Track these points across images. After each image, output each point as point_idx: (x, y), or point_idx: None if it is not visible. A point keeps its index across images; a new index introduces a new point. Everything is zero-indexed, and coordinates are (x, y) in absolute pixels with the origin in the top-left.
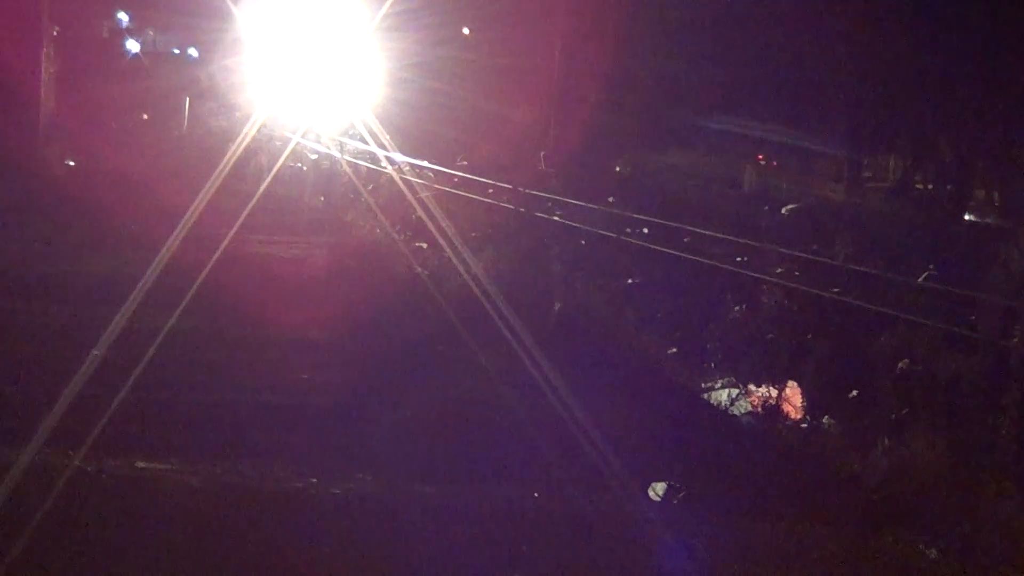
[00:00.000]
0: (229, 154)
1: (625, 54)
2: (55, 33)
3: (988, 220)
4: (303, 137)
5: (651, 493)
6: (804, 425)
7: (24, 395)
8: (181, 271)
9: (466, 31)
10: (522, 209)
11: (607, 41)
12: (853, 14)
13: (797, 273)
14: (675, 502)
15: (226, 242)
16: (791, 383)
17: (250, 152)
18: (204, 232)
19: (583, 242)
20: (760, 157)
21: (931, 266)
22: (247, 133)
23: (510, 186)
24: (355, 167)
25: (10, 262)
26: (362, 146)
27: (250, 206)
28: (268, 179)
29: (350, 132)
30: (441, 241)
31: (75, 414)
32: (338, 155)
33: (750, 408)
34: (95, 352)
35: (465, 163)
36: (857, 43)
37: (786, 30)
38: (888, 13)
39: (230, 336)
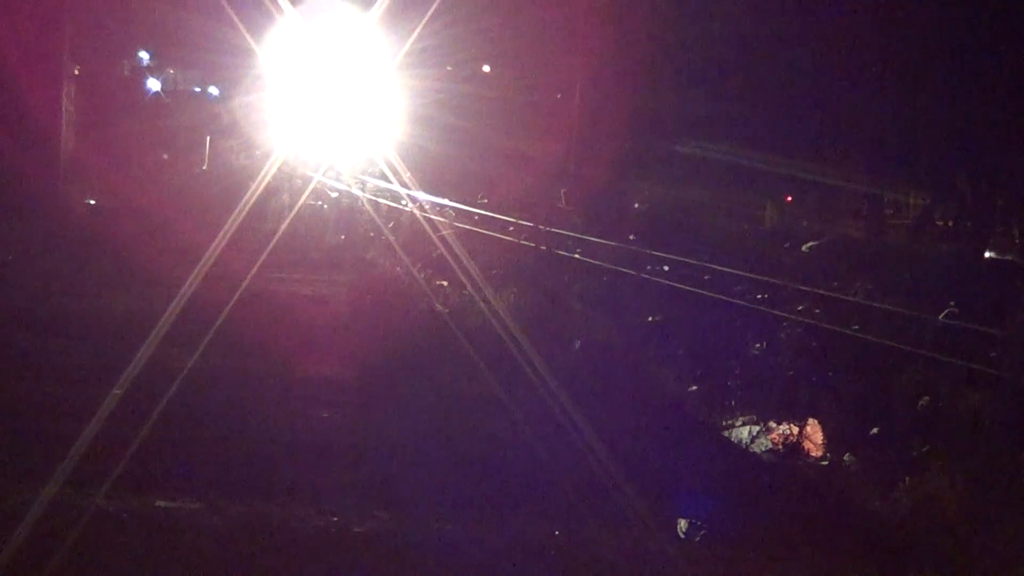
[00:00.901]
0: (250, 192)
1: (645, 91)
2: (76, 72)
3: (1009, 257)
4: (324, 175)
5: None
6: (825, 462)
7: (45, 433)
8: (202, 309)
9: (486, 68)
10: (543, 247)
11: (627, 78)
12: (875, 52)
13: (818, 310)
14: (697, 539)
15: (247, 280)
16: (812, 420)
17: (271, 190)
18: (225, 270)
19: (604, 279)
20: (786, 197)
21: (952, 303)
22: (268, 171)
23: (531, 224)
24: (375, 205)
25: (32, 300)
26: (382, 184)
27: (271, 244)
28: (289, 217)
29: (370, 170)
30: (462, 279)
31: (96, 453)
32: (359, 193)
33: (771, 445)
34: (116, 391)
35: (485, 201)
36: (878, 80)
37: (807, 67)
38: (909, 51)
39: (250, 374)
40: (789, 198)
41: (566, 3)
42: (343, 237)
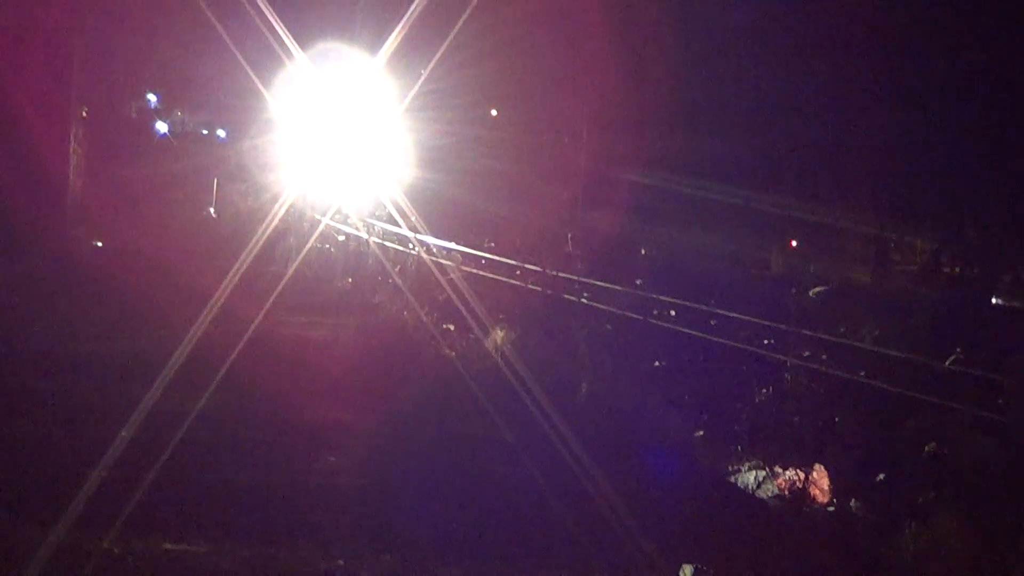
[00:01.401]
0: (258, 235)
1: (652, 135)
2: (84, 114)
3: (1016, 303)
4: (331, 218)
5: None
6: (831, 508)
7: (53, 474)
8: (209, 352)
9: (494, 112)
10: (550, 291)
11: (634, 122)
12: (884, 97)
13: (824, 356)
14: None
15: (254, 323)
16: (818, 466)
17: (279, 233)
18: (232, 313)
19: (610, 324)
20: (792, 241)
21: (958, 349)
22: (276, 214)
23: (537, 268)
24: (383, 248)
25: (39, 342)
26: (390, 227)
27: (278, 288)
28: (297, 261)
29: (378, 213)
30: (470, 322)
31: (103, 494)
32: (366, 236)
33: (777, 491)
34: (124, 433)
35: (492, 244)
36: (887, 125)
37: (814, 110)
38: (918, 97)
39: (258, 418)
40: (795, 242)
41: (572, 48)
42: (350, 280)
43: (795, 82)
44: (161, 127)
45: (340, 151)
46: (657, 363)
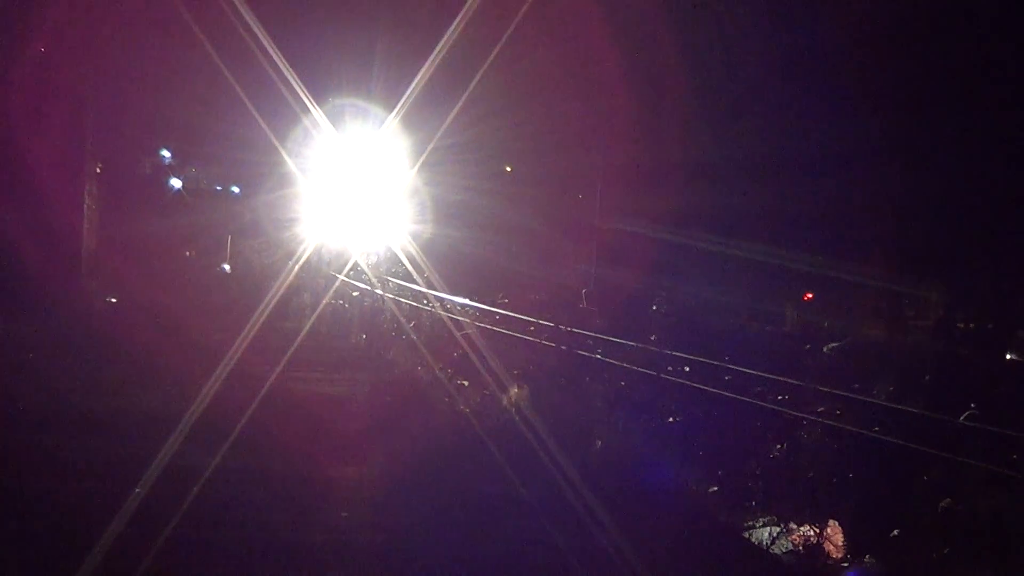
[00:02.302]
0: (272, 292)
1: (667, 192)
2: (98, 170)
3: None
4: (345, 275)
5: None
6: (845, 564)
7: (65, 533)
8: (223, 409)
9: (508, 169)
10: (564, 347)
11: (648, 180)
12: (895, 153)
13: (838, 411)
14: None
15: (267, 380)
16: (832, 521)
17: (292, 290)
18: (246, 369)
19: (624, 380)
20: (803, 295)
21: (973, 405)
22: (289, 271)
23: (552, 324)
24: (396, 304)
25: (52, 398)
26: (403, 284)
27: (292, 344)
28: (311, 317)
29: (391, 269)
30: (484, 378)
31: (116, 554)
32: (380, 292)
33: (791, 546)
34: (137, 490)
35: (506, 300)
36: (898, 181)
37: (826, 167)
38: (932, 154)
39: (271, 474)
40: (809, 297)
41: (587, 105)
42: (364, 336)
43: (808, 139)
44: (175, 183)
45: (354, 207)
46: (671, 419)
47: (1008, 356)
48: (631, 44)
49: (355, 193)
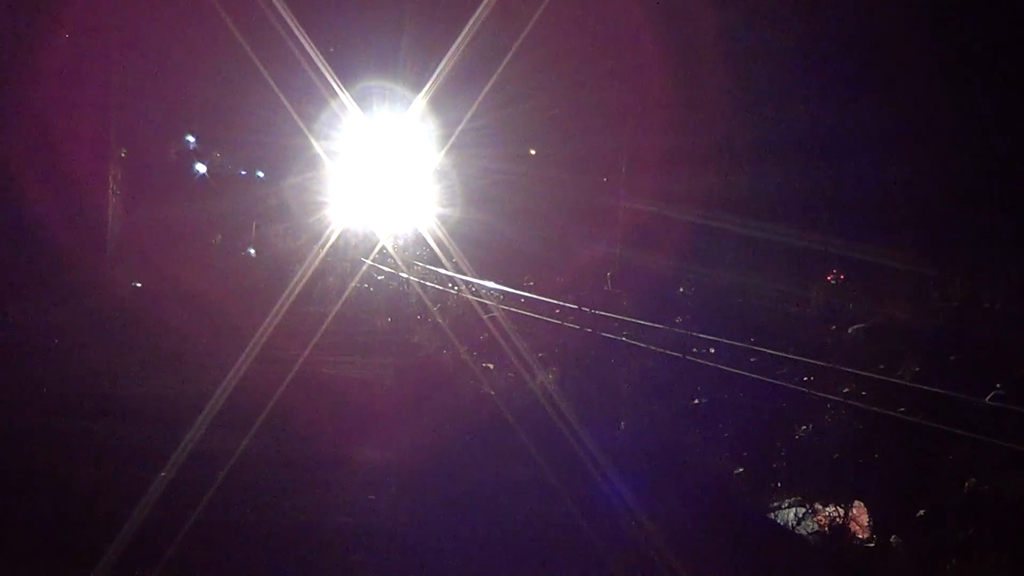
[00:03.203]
0: (297, 277)
1: (693, 174)
2: (122, 155)
3: None
4: (370, 258)
5: None
6: (871, 544)
7: (94, 517)
8: (249, 393)
9: (532, 152)
10: (589, 329)
11: (674, 161)
12: (922, 133)
13: (864, 393)
14: None
15: (291, 364)
16: (857, 502)
17: (318, 274)
18: (270, 354)
19: (649, 362)
20: (828, 276)
21: (998, 385)
22: (316, 254)
23: (576, 306)
24: (421, 287)
25: (78, 383)
26: (428, 266)
27: (318, 328)
28: (336, 301)
29: (417, 252)
30: (509, 361)
31: (144, 536)
32: (404, 276)
33: (817, 527)
34: (163, 474)
35: (531, 283)
36: (929, 161)
37: (853, 148)
38: (959, 134)
39: (297, 458)
40: (836, 276)
41: (613, 86)
42: (390, 319)
43: (835, 119)
44: (200, 168)
45: (379, 190)
46: (696, 400)
47: None
48: (661, 25)
49: (382, 176)
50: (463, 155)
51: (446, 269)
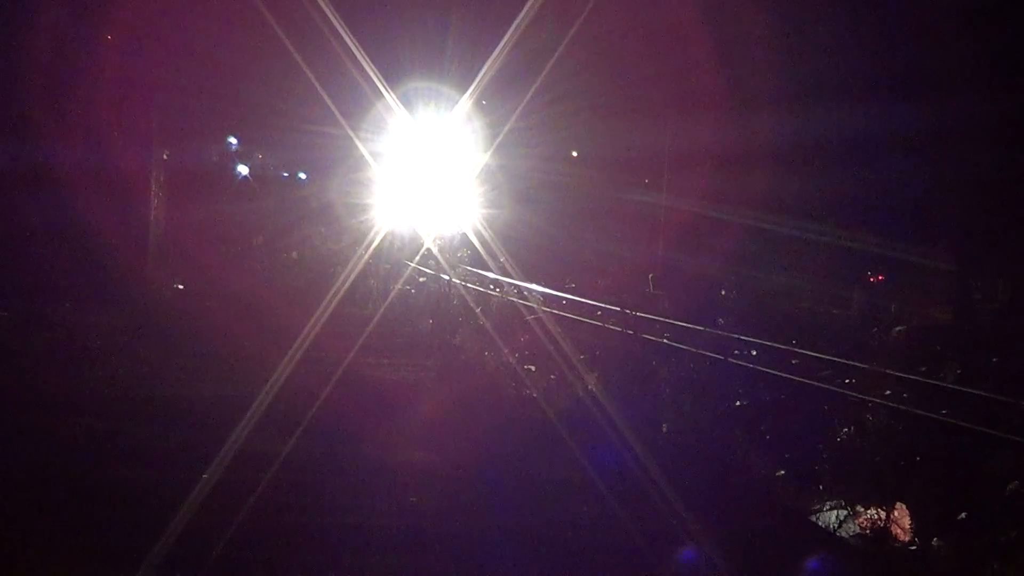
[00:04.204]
0: (339, 279)
1: (735, 176)
2: (165, 157)
3: None
4: (411, 259)
5: None
6: (913, 547)
7: (138, 519)
8: (292, 396)
9: (574, 154)
10: (631, 332)
11: (716, 163)
12: (967, 134)
13: (905, 395)
14: None
15: (336, 367)
16: (899, 504)
17: (360, 276)
18: (312, 355)
19: (692, 364)
20: (870, 278)
21: None
22: (359, 257)
23: (619, 308)
24: (463, 289)
25: (121, 385)
26: (469, 268)
27: (360, 332)
28: (379, 304)
29: (458, 254)
30: (550, 363)
31: (188, 538)
32: (446, 278)
33: (859, 530)
34: (205, 476)
35: (573, 285)
36: (971, 165)
37: (897, 150)
38: (1003, 133)
39: (341, 459)
40: (876, 280)
41: (658, 88)
42: (431, 321)
43: (878, 121)
44: (242, 169)
45: (424, 191)
46: (739, 403)
47: None
48: (706, 26)
49: (425, 177)
50: (507, 156)
51: (488, 271)
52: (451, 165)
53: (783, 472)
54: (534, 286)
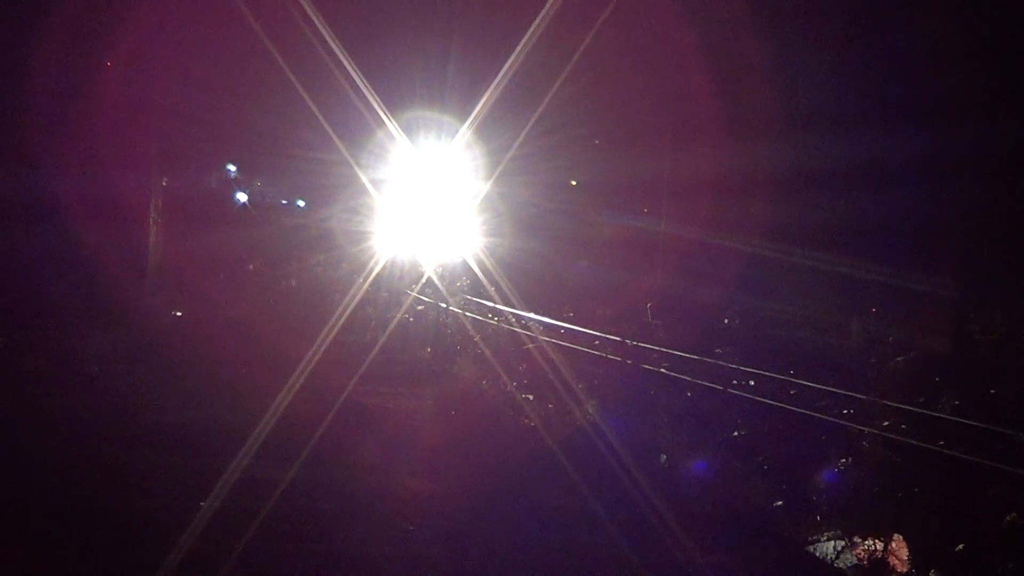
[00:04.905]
0: (338, 308)
1: (732, 204)
2: (164, 184)
3: None
4: (409, 287)
5: None
6: None
7: (136, 547)
8: (288, 425)
9: (573, 183)
10: (629, 361)
11: (713, 191)
12: (967, 163)
13: (903, 426)
14: None
15: (329, 393)
16: (897, 535)
17: (359, 305)
18: (308, 383)
19: (689, 394)
20: (870, 309)
21: None
22: (358, 286)
23: (617, 338)
24: (461, 318)
25: (120, 413)
26: (468, 297)
27: (357, 358)
28: (376, 331)
29: (457, 283)
30: (548, 392)
31: (190, 566)
32: (444, 306)
33: (856, 560)
34: (202, 504)
35: (571, 314)
36: (966, 194)
37: (896, 179)
38: (1003, 163)
39: (338, 487)
40: (874, 310)
41: (655, 117)
42: (429, 350)
43: (877, 150)
44: (240, 197)
45: (422, 219)
46: (736, 433)
47: None
48: (705, 56)
49: (425, 205)
50: (506, 184)
51: (487, 299)
52: (451, 193)
53: (781, 502)
54: (532, 314)
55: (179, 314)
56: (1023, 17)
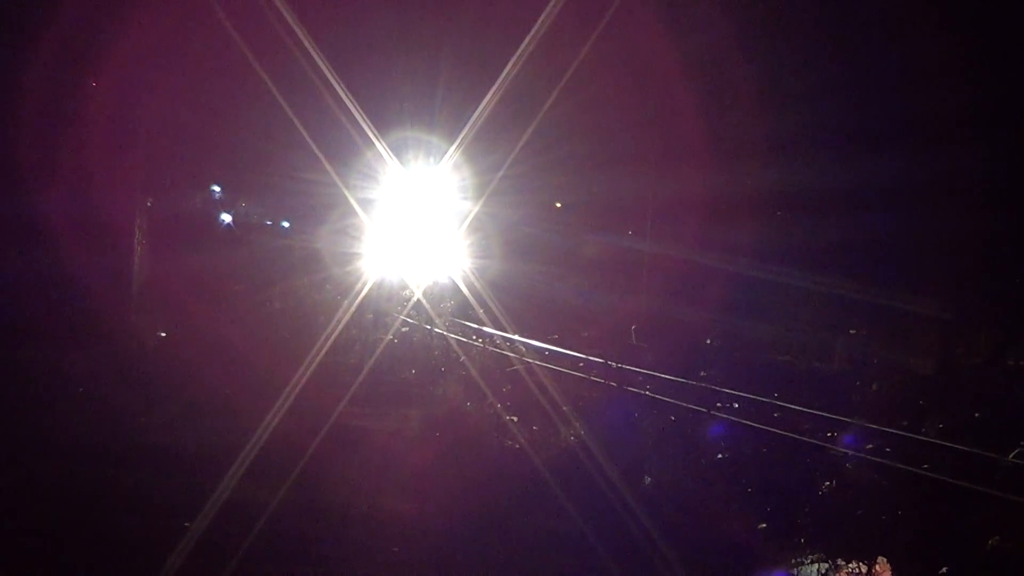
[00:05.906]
0: (324, 329)
1: (719, 226)
2: (148, 204)
3: None
4: (395, 310)
5: None
6: None
7: (119, 569)
8: (269, 445)
9: (558, 204)
10: (613, 384)
11: (700, 213)
12: (952, 183)
13: (887, 449)
14: None
15: (314, 416)
16: (880, 558)
17: (344, 327)
18: (294, 405)
19: (673, 417)
20: (853, 331)
21: (1022, 443)
22: (345, 308)
23: (601, 360)
24: (445, 340)
25: (104, 433)
26: (452, 319)
27: (341, 381)
28: (360, 353)
29: (441, 305)
30: (533, 413)
31: None
32: (428, 328)
33: None
34: (187, 524)
35: (555, 336)
36: (952, 217)
37: (878, 201)
38: (988, 183)
39: (322, 510)
40: (858, 332)
41: (643, 135)
42: (413, 372)
43: (863, 170)
44: (225, 217)
45: (409, 241)
46: (720, 455)
47: None
48: (695, 78)
49: (412, 226)
50: (494, 205)
51: (474, 321)
52: (438, 214)
53: (765, 525)
54: (516, 336)
55: (164, 335)
56: (1010, 38)
